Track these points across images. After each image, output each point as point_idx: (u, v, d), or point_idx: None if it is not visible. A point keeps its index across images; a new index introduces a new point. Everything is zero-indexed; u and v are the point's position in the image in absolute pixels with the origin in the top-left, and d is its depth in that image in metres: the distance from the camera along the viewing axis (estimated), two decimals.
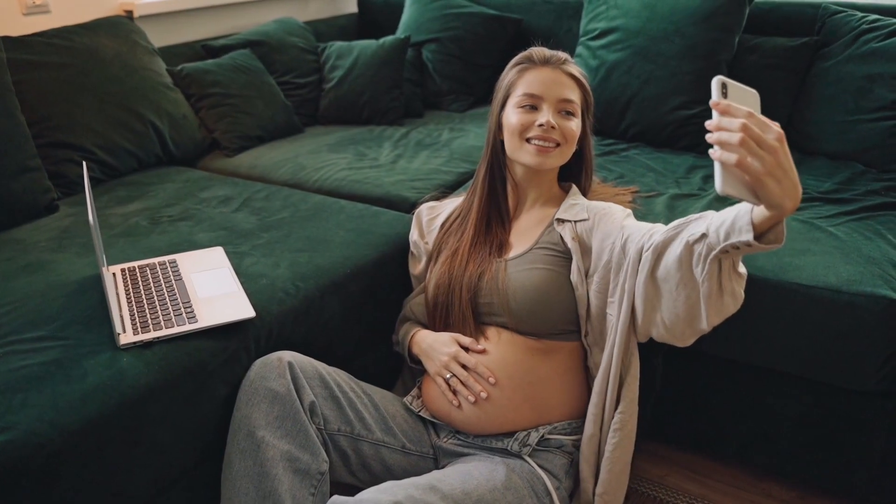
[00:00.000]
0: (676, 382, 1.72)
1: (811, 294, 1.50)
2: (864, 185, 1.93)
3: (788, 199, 0.93)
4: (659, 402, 1.75)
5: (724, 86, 0.92)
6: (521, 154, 1.45)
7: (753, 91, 0.96)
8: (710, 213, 1.12)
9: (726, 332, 1.46)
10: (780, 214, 0.95)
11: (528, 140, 1.43)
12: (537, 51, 1.49)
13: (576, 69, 1.49)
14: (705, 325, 1.18)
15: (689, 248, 1.13)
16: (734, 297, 1.15)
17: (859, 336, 1.48)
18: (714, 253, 1.08)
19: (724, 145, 0.90)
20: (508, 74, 1.50)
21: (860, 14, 2.19)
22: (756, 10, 2.37)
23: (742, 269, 1.15)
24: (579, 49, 2.50)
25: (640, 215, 1.79)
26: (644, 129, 2.34)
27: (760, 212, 0.97)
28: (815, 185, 1.95)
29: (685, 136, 2.28)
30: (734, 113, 0.90)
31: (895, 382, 1.51)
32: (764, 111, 0.97)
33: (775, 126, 0.92)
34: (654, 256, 1.21)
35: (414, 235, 1.67)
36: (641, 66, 2.31)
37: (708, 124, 0.92)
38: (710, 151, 0.91)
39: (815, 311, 1.50)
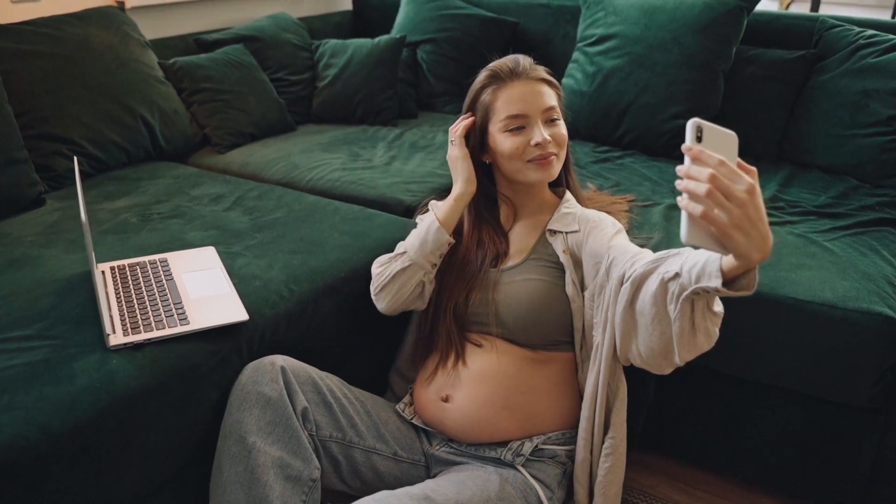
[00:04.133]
0: (668, 394, 1.72)
1: (807, 309, 1.50)
2: (857, 199, 1.94)
3: (756, 252, 0.90)
4: (651, 414, 1.74)
5: (699, 129, 0.88)
6: (524, 175, 1.42)
7: (731, 133, 0.92)
8: (687, 251, 1.10)
9: (720, 346, 1.44)
10: (747, 264, 0.92)
11: (527, 160, 1.41)
12: (500, 66, 1.44)
13: (542, 70, 1.45)
14: (678, 360, 1.16)
15: (664, 285, 1.11)
16: (707, 336, 1.11)
17: (854, 352, 1.47)
18: (686, 294, 1.05)
19: (691, 195, 0.88)
20: (481, 96, 1.45)
21: (857, 29, 2.20)
22: (754, 22, 2.37)
23: (718, 307, 1.11)
24: (576, 54, 2.49)
25: (637, 225, 1.78)
26: (640, 137, 2.34)
27: (729, 260, 0.95)
28: (809, 198, 1.95)
29: (681, 146, 2.27)
30: (705, 160, 0.87)
31: (888, 398, 1.51)
32: (759, 123, 0.93)
33: (747, 177, 0.88)
34: (633, 289, 1.19)
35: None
36: (639, 73, 2.31)
37: (678, 170, 0.89)
38: (678, 199, 0.89)
39: (810, 327, 1.50)
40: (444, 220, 1.44)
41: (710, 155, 0.87)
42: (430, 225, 1.44)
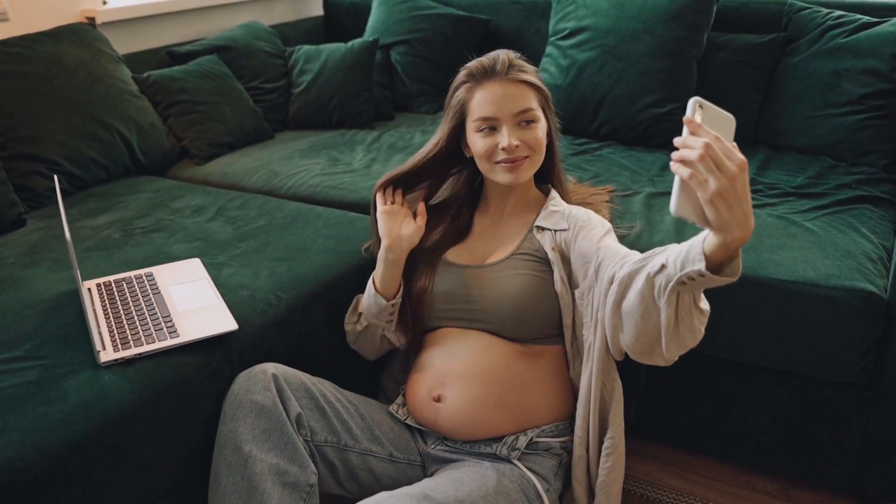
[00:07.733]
0: (659, 381, 1.73)
1: (790, 289, 1.52)
2: (835, 178, 1.96)
3: (737, 228, 0.92)
4: (642, 401, 1.76)
5: (700, 107, 0.92)
6: (494, 175, 1.42)
7: (730, 116, 0.96)
8: (672, 246, 1.11)
9: (709, 329, 1.46)
10: (728, 242, 0.94)
11: (496, 162, 1.41)
12: (477, 65, 1.42)
13: (523, 72, 1.41)
14: (665, 354, 1.17)
15: (650, 280, 1.12)
16: (692, 331, 1.13)
17: (839, 330, 1.49)
18: (672, 284, 1.06)
19: (684, 161, 0.91)
20: (457, 94, 1.45)
21: (825, 10, 2.22)
22: (723, 8, 2.39)
23: (704, 304, 1.13)
24: (549, 49, 2.51)
25: (619, 215, 1.80)
26: (616, 128, 2.35)
27: (712, 241, 0.96)
28: (787, 179, 1.97)
29: (658, 134, 2.29)
30: (702, 134, 0.91)
31: (874, 374, 1.54)
32: (734, 108, 0.97)
33: (740, 155, 0.92)
34: (621, 289, 1.20)
35: None
36: (612, 64, 2.32)
37: (675, 141, 0.92)
38: (671, 164, 0.92)
39: (794, 306, 1.52)
40: (381, 286, 1.48)
41: (707, 130, 0.91)
42: (369, 290, 1.51)
